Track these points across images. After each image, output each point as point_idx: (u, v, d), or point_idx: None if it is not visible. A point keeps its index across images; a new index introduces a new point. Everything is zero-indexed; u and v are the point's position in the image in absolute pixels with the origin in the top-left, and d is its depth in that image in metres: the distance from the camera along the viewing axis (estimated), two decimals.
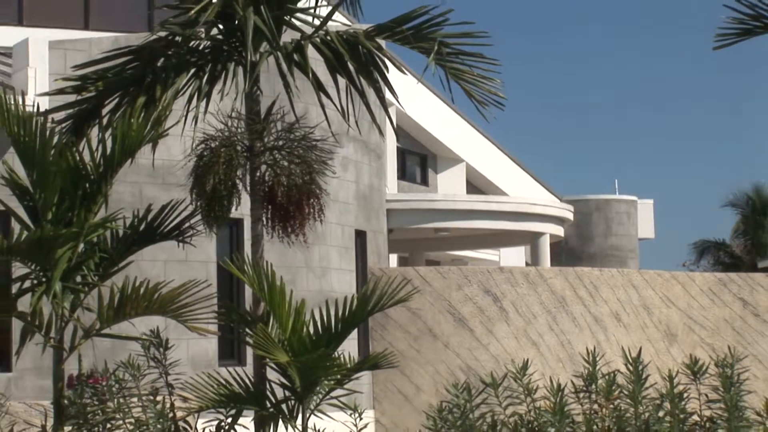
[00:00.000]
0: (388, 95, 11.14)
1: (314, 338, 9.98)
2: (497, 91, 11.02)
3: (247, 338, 10.42)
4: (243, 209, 11.07)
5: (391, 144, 31.20)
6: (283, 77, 10.84)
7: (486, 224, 29.48)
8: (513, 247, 36.58)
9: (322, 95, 10.95)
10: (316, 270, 21.81)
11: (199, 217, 10.74)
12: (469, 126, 36.98)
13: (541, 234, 30.67)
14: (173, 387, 10.39)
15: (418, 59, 11.01)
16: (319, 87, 10.95)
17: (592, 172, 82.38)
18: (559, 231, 31.45)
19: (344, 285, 22.17)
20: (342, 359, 10.10)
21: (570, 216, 31.84)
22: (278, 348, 9.83)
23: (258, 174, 10.76)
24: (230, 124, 10.78)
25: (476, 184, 37.99)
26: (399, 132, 32.61)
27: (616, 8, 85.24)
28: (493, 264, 35.73)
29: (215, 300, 10.92)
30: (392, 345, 22.71)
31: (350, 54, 10.91)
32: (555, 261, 32.66)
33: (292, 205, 10.62)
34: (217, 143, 10.68)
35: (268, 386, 10.33)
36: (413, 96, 31.37)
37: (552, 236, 31.12)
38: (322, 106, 10.96)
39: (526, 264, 34.82)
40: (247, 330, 10.37)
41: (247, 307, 12.27)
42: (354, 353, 18.55)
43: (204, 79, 10.98)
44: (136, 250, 10.77)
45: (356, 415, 9.93)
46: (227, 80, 11.02)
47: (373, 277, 22.66)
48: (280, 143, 10.82)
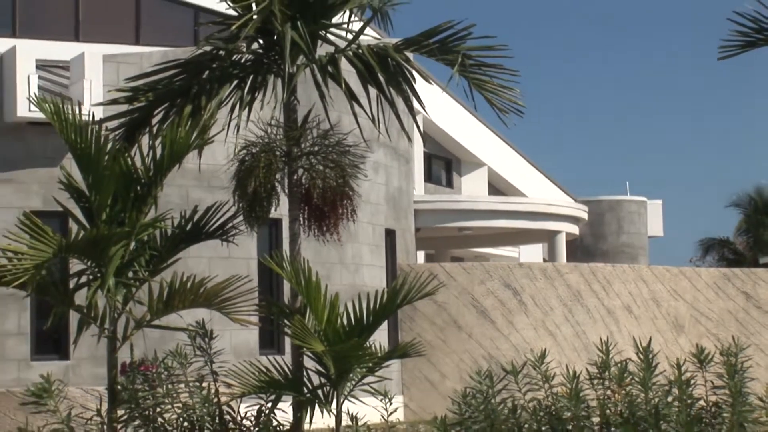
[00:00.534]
0: (416, 104, 11.14)
1: (347, 329, 9.99)
2: (517, 100, 11.00)
3: (286, 329, 10.43)
4: (281, 210, 11.09)
5: (419, 149, 31.22)
6: (319, 88, 10.85)
7: (506, 223, 29.47)
8: (531, 245, 36.53)
9: (355, 104, 10.96)
10: (349, 266, 21.84)
11: (241, 218, 10.76)
12: (491, 132, 36.96)
13: (558, 232, 30.65)
14: (217, 374, 10.41)
15: (443, 70, 11.00)
16: (352, 96, 10.95)
17: (605, 175, 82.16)
18: (575, 229, 31.41)
19: (375, 280, 22.19)
20: (373, 348, 10.09)
21: (584, 215, 31.79)
22: (314, 338, 9.84)
23: (295, 177, 10.77)
24: (269, 132, 10.80)
25: (497, 186, 37.96)
26: (425, 138, 32.59)
27: (621, 16, 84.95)
28: (513, 260, 35.69)
29: (256, 294, 10.94)
30: (420, 335, 22.70)
31: (380, 66, 10.92)
32: (570, 257, 32.61)
33: (327, 206, 10.63)
34: (258, 149, 10.70)
35: (305, 373, 10.34)
36: (439, 104, 31.37)
37: (568, 234, 31.10)
38: (355, 115, 10.96)
39: (544, 260, 34.76)
40: (286, 321, 10.39)
41: (286, 301, 12.30)
42: (384, 343, 18.55)
43: (245, 90, 11.01)
44: (184, 248, 10.79)
45: (386, 400, 9.92)
46: (267, 91, 11.05)
47: (402, 273, 22.65)
48: (316, 149, 10.82)
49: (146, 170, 10.41)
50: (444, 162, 36.54)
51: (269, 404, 10.17)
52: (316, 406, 10.08)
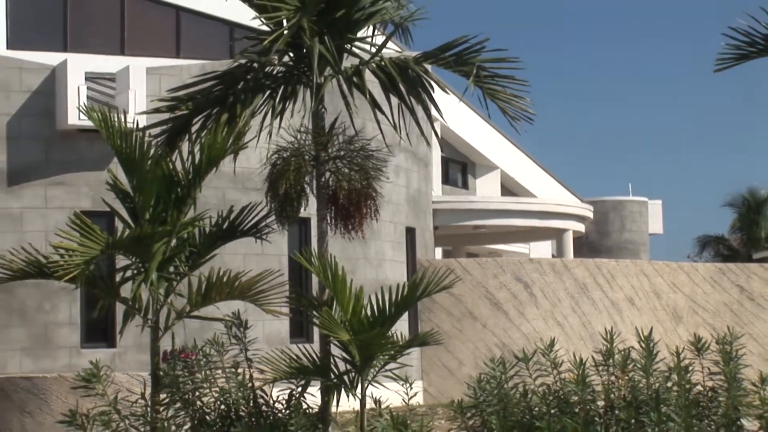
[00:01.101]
0: (434, 112, 11.14)
1: (371, 320, 9.98)
2: (527, 108, 10.99)
3: (314, 319, 10.44)
4: (310, 210, 11.10)
5: (437, 153, 31.23)
6: (344, 97, 10.85)
7: (517, 222, 29.44)
8: (541, 242, 36.47)
9: (378, 112, 10.96)
10: (373, 261, 21.84)
11: (273, 217, 10.77)
12: (503, 138, 36.92)
13: (565, 230, 30.60)
14: (251, 361, 10.42)
15: (460, 80, 11.00)
16: (375, 105, 10.95)
17: (609, 177, 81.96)
18: (581, 227, 31.35)
19: (397, 274, 22.19)
20: (395, 337, 10.09)
21: (590, 214, 31.73)
22: (341, 328, 9.84)
23: (323, 180, 10.78)
24: (299, 137, 10.81)
25: (509, 188, 37.92)
26: (443, 143, 32.59)
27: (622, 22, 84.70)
28: (524, 256, 35.64)
29: (287, 287, 10.94)
30: (438, 325, 22.70)
31: (401, 77, 10.91)
32: (577, 253, 32.55)
33: (352, 206, 10.63)
34: (288, 153, 10.71)
35: (332, 360, 10.34)
36: (455, 112, 31.33)
37: (574, 232, 31.05)
38: (377, 122, 10.96)
39: (553, 256, 34.70)
40: (314, 312, 10.39)
41: (314, 293, 12.30)
42: (405, 332, 18.55)
43: (277, 99, 11.02)
44: (220, 245, 10.81)
45: (407, 386, 9.91)
46: (297, 100, 11.06)
47: (422, 268, 22.65)
48: (342, 153, 10.83)
49: (186, 173, 10.43)
50: (460, 165, 36.52)
51: (299, 389, 10.17)
52: (343, 391, 10.08)
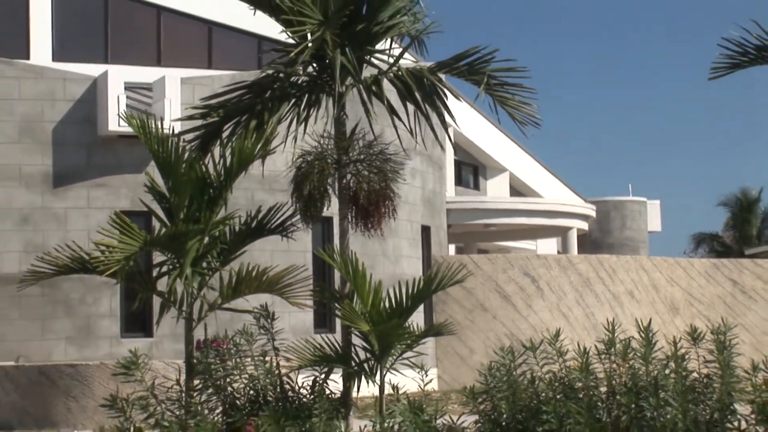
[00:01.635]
0: (448, 118, 11.12)
1: (389, 311, 9.98)
2: (534, 114, 10.97)
3: (336, 311, 10.44)
4: (332, 209, 11.10)
5: (450, 157, 31.19)
6: (364, 104, 10.85)
7: (525, 221, 29.41)
8: (547, 239, 36.42)
9: (395, 118, 10.95)
10: (391, 257, 21.84)
11: (298, 216, 10.77)
12: (512, 142, 36.88)
13: (570, 228, 30.55)
14: (278, 350, 10.43)
15: (471, 89, 10.99)
16: (392, 112, 10.95)
17: (611, 178, 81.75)
18: (584, 225, 31.29)
19: (413, 269, 22.18)
20: (411, 328, 10.08)
21: (593, 213, 31.66)
22: (361, 319, 9.84)
23: (344, 181, 10.78)
24: (322, 142, 10.81)
25: (517, 189, 37.87)
26: (456, 147, 32.56)
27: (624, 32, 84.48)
28: (531, 252, 35.58)
29: (311, 281, 10.95)
30: (451, 316, 22.69)
31: (417, 86, 10.91)
32: (581, 249, 32.48)
33: (372, 206, 10.62)
34: (312, 157, 10.71)
35: (353, 349, 10.34)
36: (467, 118, 31.34)
37: (578, 230, 30.99)
38: (395, 127, 10.96)
39: (558, 252, 34.64)
40: (336, 305, 10.39)
41: (336, 287, 12.32)
42: (421, 323, 18.53)
43: (302, 107, 11.02)
44: (249, 242, 10.83)
45: (422, 372, 9.90)
46: (320, 107, 11.06)
47: (436, 263, 22.64)
48: (362, 157, 10.82)
49: (217, 176, 10.46)
50: (471, 168, 36.49)
51: (323, 376, 10.18)
52: (363, 378, 10.09)
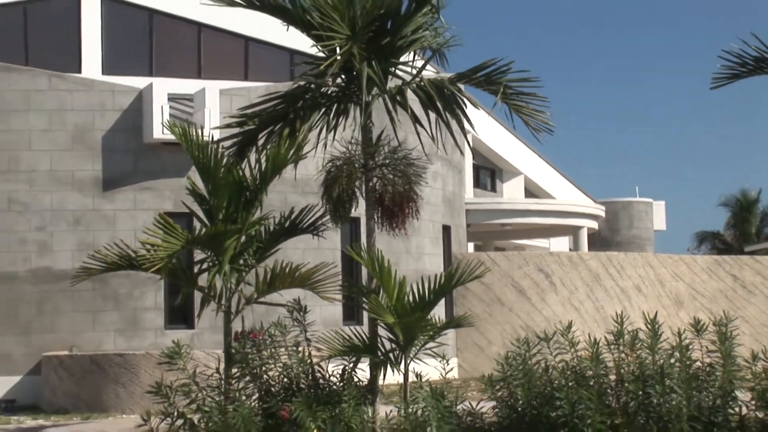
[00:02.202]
0: (467, 125, 11.10)
1: (413, 305, 9.97)
2: (547, 121, 10.94)
3: (364, 305, 10.45)
4: (360, 210, 11.10)
5: (469, 161, 31.14)
6: (389, 113, 10.85)
7: (539, 220, 29.31)
8: (559, 237, 36.29)
9: (418, 126, 10.94)
10: (414, 255, 21.81)
11: (328, 217, 10.78)
12: (526, 147, 36.77)
13: (581, 227, 30.42)
14: (310, 340, 10.44)
15: (489, 97, 10.96)
16: (415, 120, 10.93)
17: (619, 180, 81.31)
18: (594, 225, 31.16)
19: (434, 265, 22.14)
20: (433, 320, 10.07)
21: (602, 214, 31.54)
22: (387, 312, 9.83)
23: (371, 184, 10.78)
24: (350, 148, 10.81)
25: (532, 191, 37.75)
26: (474, 152, 32.51)
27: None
28: (545, 249, 35.46)
29: (340, 277, 10.95)
30: (470, 310, 22.63)
31: (438, 95, 10.89)
32: (591, 247, 32.34)
33: (396, 207, 10.61)
34: (341, 162, 10.72)
35: (379, 340, 10.34)
36: (485, 125, 31.26)
37: (589, 229, 30.86)
38: (418, 134, 10.94)
39: (570, 249, 34.50)
40: (364, 299, 10.39)
41: (363, 282, 12.32)
42: (442, 316, 18.50)
43: (331, 116, 11.03)
44: (283, 241, 10.84)
45: (444, 362, 9.90)
46: (348, 116, 11.06)
47: (456, 260, 22.59)
48: (387, 161, 10.82)
49: (253, 179, 10.48)
50: (489, 171, 36.40)
51: (351, 364, 10.18)
52: (388, 366, 10.08)
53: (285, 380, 10.17)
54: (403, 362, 9.99)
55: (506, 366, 9.88)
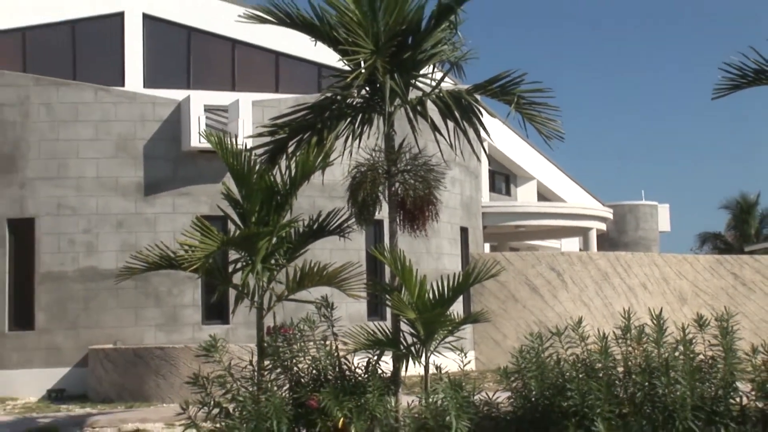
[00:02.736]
0: (483, 133, 11.07)
1: (433, 302, 9.94)
2: (558, 129, 10.89)
3: (387, 301, 10.42)
4: (383, 213, 11.09)
5: (485, 167, 31.07)
6: (410, 122, 10.83)
7: (551, 222, 29.20)
8: (570, 238, 36.14)
9: (437, 134, 10.92)
10: (434, 254, 21.79)
11: (353, 219, 10.77)
12: (539, 153, 36.66)
13: (590, 229, 30.27)
14: (337, 335, 10.43)
15: (503, 107, 10.93)
16: (435, 128, 10.91)
17: (626, 184, 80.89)
18: (603, 226, 31.01)
19: (453, 265, 22.11)
20: (452, 316, 10.04)
21: (610, 216, 31.38)
22: (408, 308, 9.81)
23: (393, 189, 10.76)
24: (374, 155, 10.80)
25: (544, 194, 37.62)
26: (490, 158, 32.43)
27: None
28: (556, 250, 35.33)
29: (364, 276, 10.94)
30: (487, 306, 22.57)
31: (456, 105, 10.87)
32: (600, 247, 32.21)
33: (417, 210, 10.59)
34: (365, 168, 10.71)
35: (401, 335, 10.31)
36: (500, 133, 31.20)
37: (597, 230, 30.71)
38: (437, 142, 10.92)
39: (580, 249, 34.36)
40: (387, 296, 10.37)
41: (387, 281, 12.31)
42: (460, 312, 18.47)
43: (356, 125, 11.02)
44: (311, 242, 10.84)
45: (462, 355, 9.86)
46: (372, 125, 11.05)
47: (473, 260, 22.54)
48: (408, 168, 10.80)
49: (284, 185, 10.48)
50: (503, 176, 36.31)
51: (375, 357, 10.16)
52: (410, 359, 10.05)
53: (314, 372, 10.16)
54: (424, 355, 9.96)
55: (520, 359, 9.83)
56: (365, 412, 9.52)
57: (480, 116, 10.99)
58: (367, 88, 11.09)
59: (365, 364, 10.14)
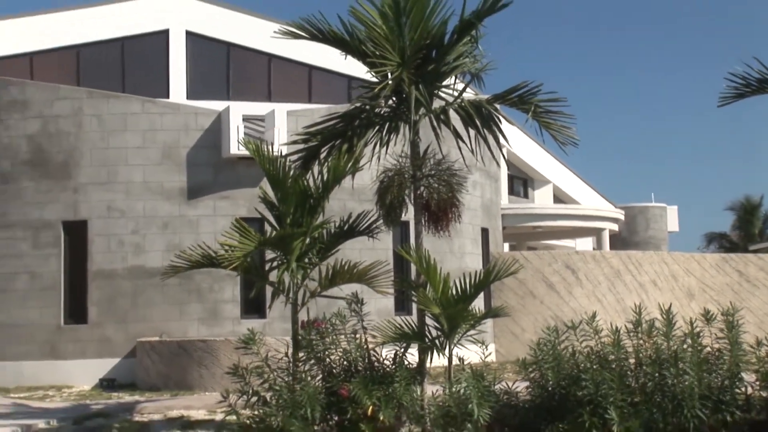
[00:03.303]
0: (502, 140, 11.03)
1: (456, 298, 9.91)
2: (573, 135, 10.83)
3: (413, 298, 10.40)
4: (409, 215, 11.07)
5: (504, 171, 30.99)
6: (434, 130, 10.81)
7: (566, 223, 29.06)
8: (584, 238, 35.95)
9: (459, 141, 10.89)
10: (456, 254, 21.74)
11: (381, 221, 10.76)
12: (554, 159, 36.51)
13: (603, 229, 30.10)
14: (366, 329, 10.41)
15: (521, 115, 10.88)
16: (457, 135, 10.89)
17: (637, 187, 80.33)
18: (615, 227, 30.83)
19: (474, 263, 22.05)
20: (474, 311, 10.01)
21: (622, 217, 31.20)
22: (433, 304, 9.79)
23: (418, 192, 10.74)
24: (400, 161, 10.79)
25: (559, 197, 37.46)
26: (509, 164, 32.31)
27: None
28: (571, 249, 35.16)
29: (392, 274, 10.93)
30: (506, 302, 22.49)
31: (477, 114, 10.84)
32: (612, 247, 32.01)
33: (441, 212, 10.56)
34: (392, 173, 10.69)
35: (426, 328, 10.29)
36: (518, 139, 31.09)
37: (610, 230, 30.53)
38: (459, 148, 10.90)
39: (593, 248, 34.17)
40: (413, 292, 10.35)
41: (413, 278, 12.29)
42: (481, 307, 18.39)
43: (384, 133, 11.01)
44: (342, 242, 10.84)
45: (483, 347, 9.83)
46: (398, 133, 11.04)
47: (493, 258, 22.47)
48: (432, 172, 10.78)
49: (316, 189, 10.50)
50: (521, 180, 36.19)
51: (402, 349, 10.15)
52: (434, 351, 10.03)
53: (345, 363, 10.15)
54: (448, 347, 9.93)
55: (538, 351, 9.78)
56: (393, 401, 9.51)
57: (499, 124, 10.95)
58: (394, 99, 11.09)
59: (393, 356, 10.12)
